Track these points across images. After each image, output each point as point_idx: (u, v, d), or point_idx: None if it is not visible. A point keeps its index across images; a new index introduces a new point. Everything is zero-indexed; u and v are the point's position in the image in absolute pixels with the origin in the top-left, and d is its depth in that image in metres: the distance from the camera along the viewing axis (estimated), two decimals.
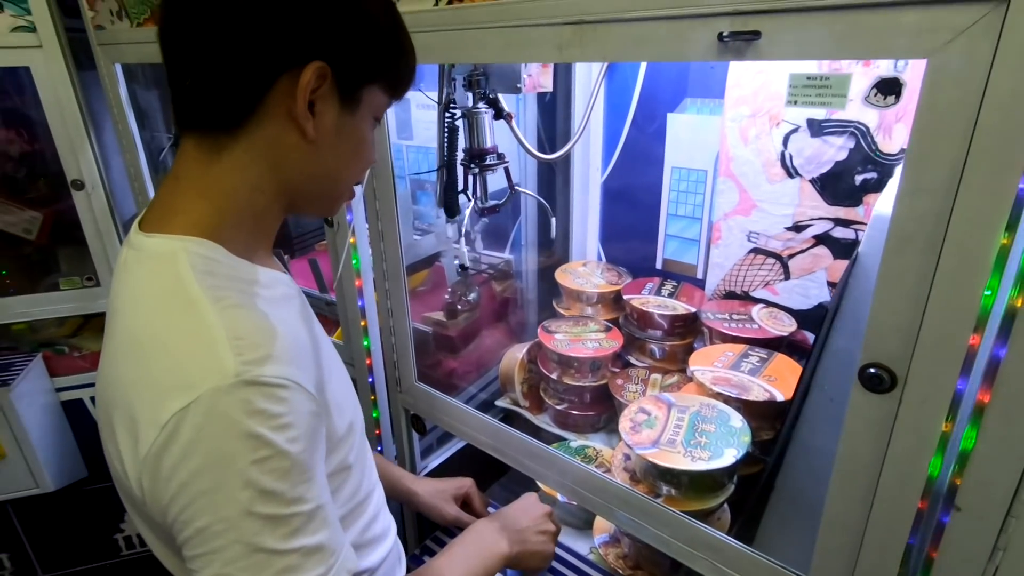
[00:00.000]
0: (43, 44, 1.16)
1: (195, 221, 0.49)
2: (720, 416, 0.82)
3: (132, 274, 0.49)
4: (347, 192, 0.59)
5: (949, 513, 0.49)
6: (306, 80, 0.46)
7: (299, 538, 0.43)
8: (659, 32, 0.54)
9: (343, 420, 0.56)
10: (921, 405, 0.48)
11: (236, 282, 0.49)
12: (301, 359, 0.47)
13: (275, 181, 0.51)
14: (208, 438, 0.41)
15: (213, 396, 0.41)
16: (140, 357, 0.45)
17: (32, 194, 1.42)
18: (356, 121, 0.53)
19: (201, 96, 0.48)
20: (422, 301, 1.25)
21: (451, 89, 0.94)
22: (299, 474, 0.43)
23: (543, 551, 0.76)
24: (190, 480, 0.41)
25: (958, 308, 0.44)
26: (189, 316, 0.44)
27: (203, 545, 0.42)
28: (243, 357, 0.42)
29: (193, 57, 0.47)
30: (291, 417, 0.43)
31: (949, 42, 0.42)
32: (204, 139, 0.49)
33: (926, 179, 0.45)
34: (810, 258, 1.02)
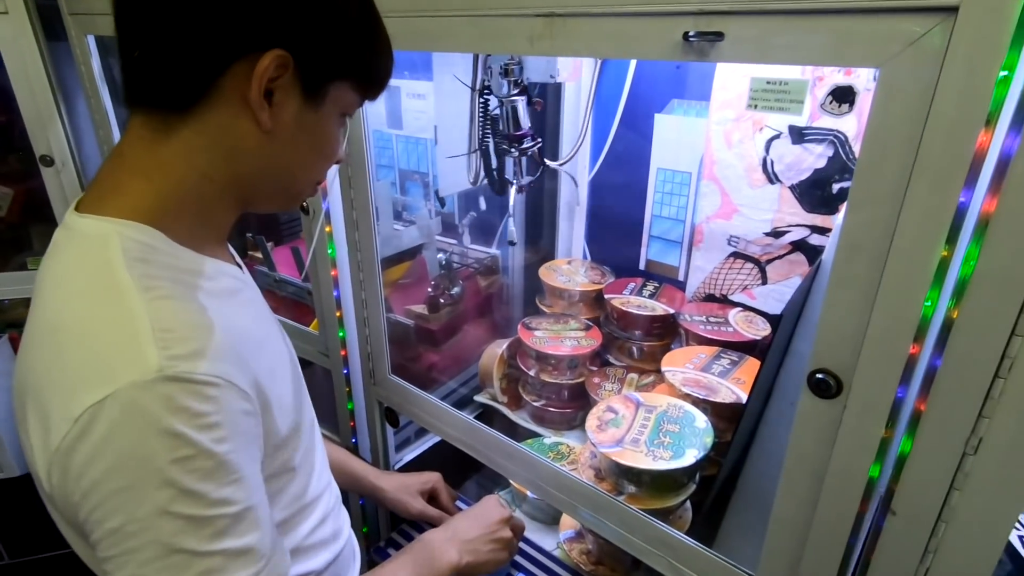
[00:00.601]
0: (8, 11, 1.11)
1: (135, 204, 0.46)
2: (686, 417, 0.83)
3: (59, 256, 0.47)
4: (306, 189, 0.57)
5: (886, 517, 0.49)
6: (263, 67, 0.44)
7: (224, 540, 0.41)
8: (627, 28, 0.55)
9: (286, 421, 0.54)
10: (864, 411, 0.48)
11: (174, 272, 0.46)
12: (236, 356, 0.45)
13: (226, 171, 0.49)
14: (123, 435, 0.39)
15: (131, 391, 0.39)
16: (56, 344, 0.43)
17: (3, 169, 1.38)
18: (319, 117, 0.50)
19: (151, 71, 0.45)
20: (405, 293, 1.26)
21: (487, 76, 1.00)
22: (225, 475, 0.41)
23: (496, 559, 0.75)
24: (102, 478, 0.39)
25: (900, 317, 0.45)
26: (113, 304, 0.42)
27: (117, 546, 0.40)
28: (168, 352, 0.40)
29: (146, 27, 0.44)
30: (219, 416, 0.41)
31: (900, 52, 0.42)
32: (152, 117, 0.47)
33: (875, 189, 0.45)
34: (787, 264, 1.03)
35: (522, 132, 1.05)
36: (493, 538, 0.76)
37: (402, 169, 1.41)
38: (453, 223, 1.36)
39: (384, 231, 1.17)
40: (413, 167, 1.39)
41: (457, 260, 1.35)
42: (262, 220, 1.47)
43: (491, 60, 1.00)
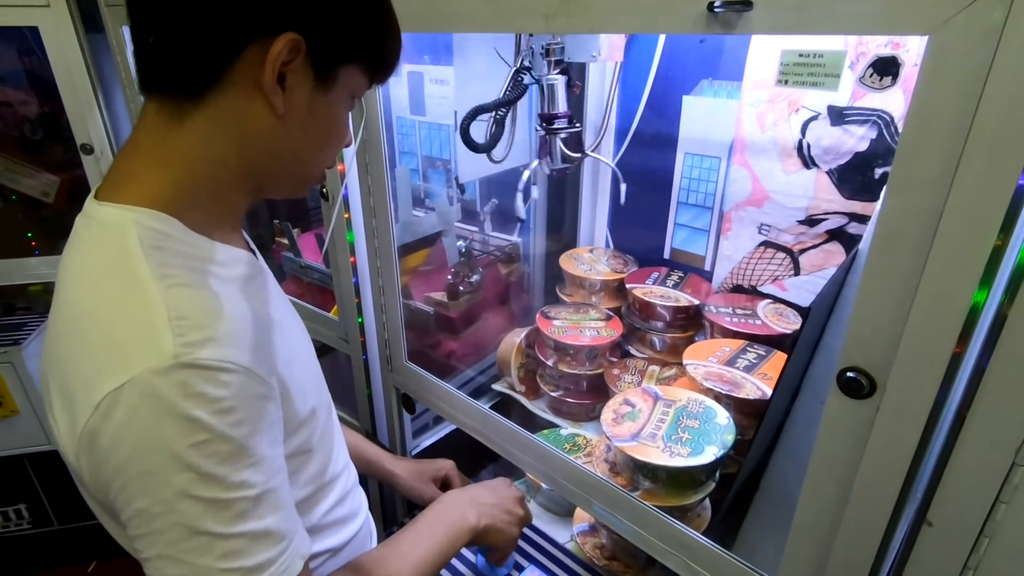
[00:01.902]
0: (51, 3, 1.15)
1: (151, 191, 0.47)
2: (706, 412, 0.79)
3: (80, 244, 0.48)
4: (316, 174, 0.57)
5: (920, 527, 0.45)
6: (277, 51, 0.44)
7: (244, 522, 0.42)
8: (647, 2, 0.51)
9: (305, 404, 0.54)
10: (899, 414, 0.45)
11: (187, 259, 0.47)
12: (251, 342, 0.46)
13: (239, 156, 0.49)
14: (142, 420, 0.40)
15: (149, 377, 0.40)
16: (78, 332, 0.44)
17: (50, 157, 1.45)
18: (330, 100, 0.50)
19: (165, 56, 0.45)
20: (425, 280, 1.25)
21: (528, 56, 0.99)
22: (242, 459, 0.42)
23: (508, 532, 0.75)
24: (125, 462, 0.40)
25: (944, 313, 0.41)
26: (131, 293, 0.43)
27: (144, 526, 0.41)
28: (184, 338, 0.41)
29: (159, 13, 0.45)
30: (233, 401, 0.42)
31: (952, 18, 0.38)
32: (166, 103, 0.47)
33: (919, 171, 0.41)
34: (822, 254, 0.97)
35: (556, 113, 1.02)
36: (507, 509, 0.76)
37: (424, 155, 1.39)
38: (474, 210, 1.34)
39: (404, 218, 1.16)
40: (435, 153, 1.37)
41: (477, 247, 1.33)
42: (289, 207, 1.48)
43: (533, 40, 0.98)
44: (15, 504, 1.62)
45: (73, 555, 1.74)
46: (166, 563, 0.41)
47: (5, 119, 1.48)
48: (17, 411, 1.41)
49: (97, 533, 0.56)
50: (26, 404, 1.41)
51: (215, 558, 0.41)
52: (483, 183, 1.34)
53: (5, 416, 1.41)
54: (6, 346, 1.36)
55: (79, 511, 1.67)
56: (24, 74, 1.46)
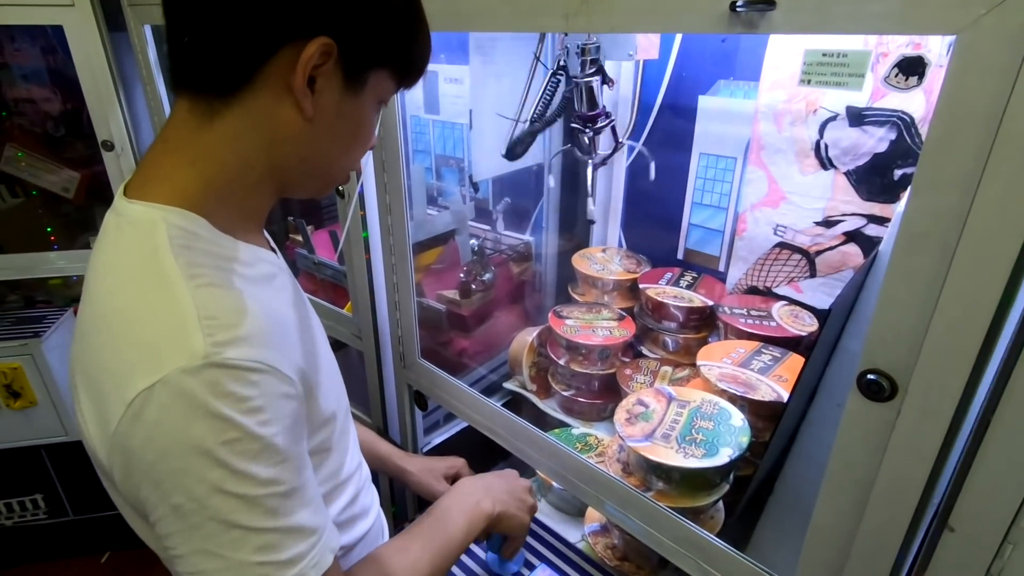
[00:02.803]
0: (75, 3, 1.17)
1: (179, 190, 0.47)
2: (721, 414, 0.79)
3: (110, 241, 0.48)
4: (341, 175, 0.57)
5: (942, 533, 0.45)
6: (309, 54, 0.44)
7: (276, 518, 0.43)
8: (669, 1, 0.51)
9: (328, 404, 0.55)
10: (921, 417, 0.44)
11: (214, 259, 0.47)
12: (278, 341, 0.46)
13: (267, 157, 0.49)
14: (173, 418, 0.40)
15: (180, 376, 0.40)
16: (108, 330, 0.45)
17: (71, 154, 1.48)
18: (358, 104, 0.50)
19: (199, 55, 0.46)
20: (438, 278, 1.25)
21: (563, 56, 1.00)
22: (271, 456, 0.43)
23: (521, 518, 0.75)
24: (158, 460, 0.41)
25: (969, 315, 0.40)
26: (161, 292, 0.43)
27: (178, 523, 0.42)
28: (213, 338, 0.41)
29: (195, 12, 0.45)
30: (262, 400, 0.42)
31: (981, 17, 0.37)
32: (197, 102, 0.47)
33: (945, 171, 0.40)
34: (839, 256, 0.96)
35: (596, 112, 1.05)
36: (519, 497, 0.77)
37: (438, 154, 1.39)
38: (487, 209, 1.34)
39: (417, 216, 1.17)
40: (449, 152, 1.37)
41: (490, 246, 1.34)
42: (303, 204, 1.50)
43: (567, 40, 0.99)
44: (32, 494, 1.64)
45: (87, 545, 1.76)
46: (201, 557, 0.42)
47: (28, 116, 1.50)
48: (36, 402, 1.43)
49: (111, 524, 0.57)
50: (44, 396, 1.43)
51: (250, 551, 0.42)
52: (496, 182, 1.34)
53: (24, 407, 1.43)
54: (26, 338, 1.38)
55: (94, 502, 1.70)
56: (47, 72, 1.48)
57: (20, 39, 1.45)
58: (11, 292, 1.56)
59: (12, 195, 1.53)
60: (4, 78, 1.47)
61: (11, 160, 1.46)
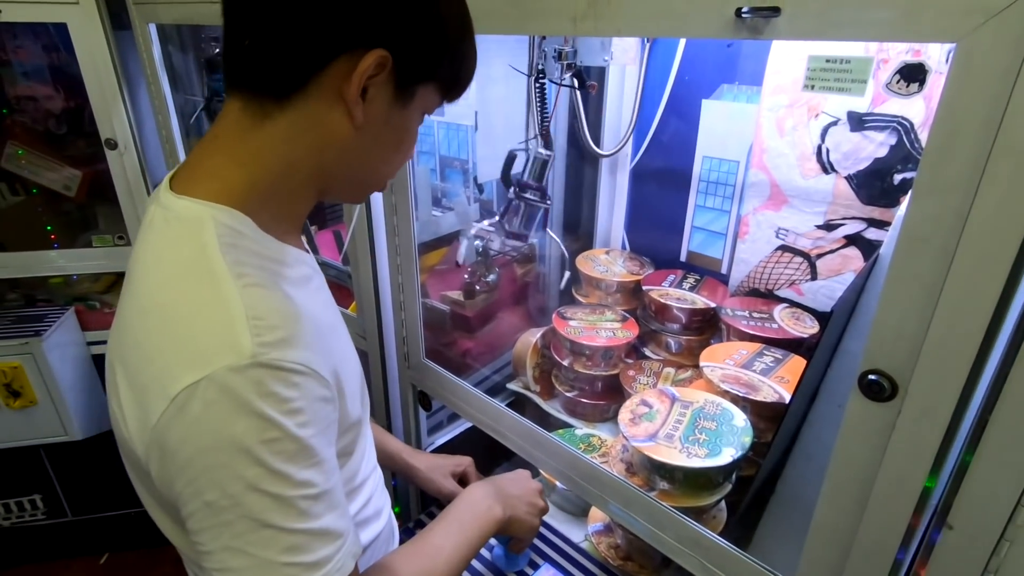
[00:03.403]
0: (80, 0, 1.17)
1: (227, 188, 0.48)
2: (723, 414, 0.80)
3: (157, 235, 0.49)
4: (379, 183, 0.58)
5: (941, 531, 0.46)
6: (366, 65, 0.46)
7: (307, 520, 0.43)
8: (675, 5, 0.52)
9: (355, 407, 0.55)
10: (921, 417, 0.45)
11: (259, 258, 0.48)
12: (318, 344, 0.47)
13: (312, 161, 0.50)
14: (218, 415, 0.41)
15: (226, 374, 0.40)
16: (154, 322, 0.45)
17: (72, 151, 1.46)
18: (406, 115, 0.52)
19: (257, 57, 0.47)
20: (442, 279, 1.26)
21: (541, 60, 1.01)
22: (307, 458, 0.43)
23: (530, 522, 0.76)
24: (197, 455, 0.41)
25: (967, 317, 0.41)
26: (209, 289, 0.44)
27: (211, 518, 0.42)
28: (260, 338, 0.42)
29: (257, 16, 0.46)
30: (302, 402, 0.43)
31: (980, 26, 0.38)
32: (251, 103, 0.48)
33: (944, 176, 0.41)
34: (839, 259, 0.97)
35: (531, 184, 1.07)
36: (530, 501, 0.77)
37: (442, 156, 1.40)
38: (491, 210, 1.35)
39: (422, 217, 1.18)
40: (454, 154, 1.38)
41: (494, 247, 1.34)
42: None
43: (545, 44, 0.99)
44: (30, 494, 1.63)
45: (86, 546, 1.75)
46: (229, 555, 0.42)
47: (30, 113, 1.50)
48: (36, 402, 1.42)
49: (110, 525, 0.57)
50: (44, 395, 1.42)
51: (278, 552, 0.42)
52: (500, 184, 1.35)
53: (24, 407, 1.42)
54: (27, 337, 1.37)
55: (93, 503, 1.69)
56: (49, 69, 1.48)
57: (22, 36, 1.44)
58: (11, 291, 1.55)
59: (12, 193, 1.52)
60: (5, 75, 1.47)
61: (11, 158, 1.46)
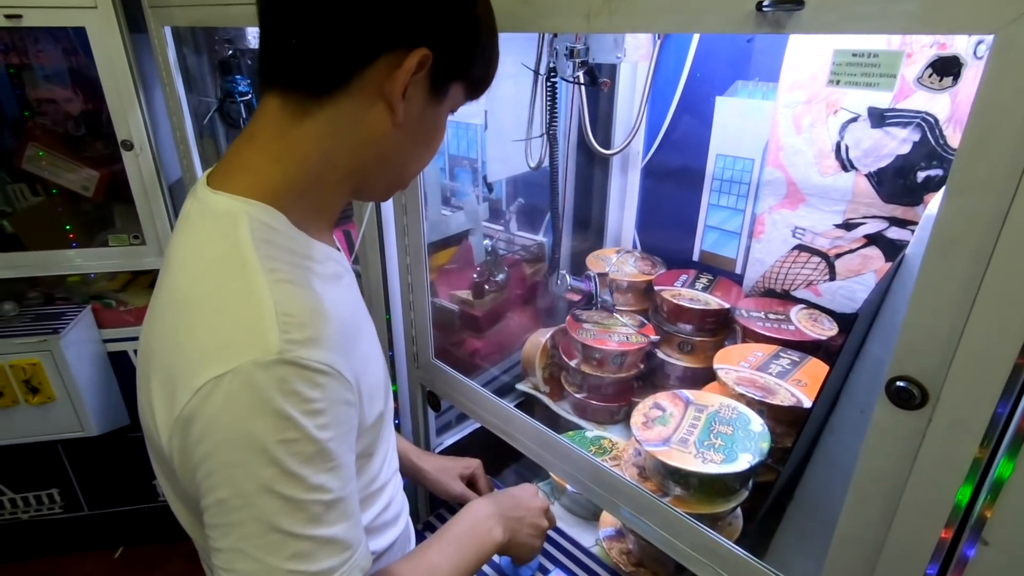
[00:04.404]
0: (98, 5, 1.19)
1: (262, 184, 0.48)
2: (739, 418, 0.78)
3: (192, 229, 0.49)
4: (408, 180, 0.58)
5: (975, 546, 0.44)
6: (411, 64, 0.46)
7: (316, 526, 0.43)
8: (694, 1, 0.50)
9: (373, 410, 0.55)
10: (953, 426, 0.43)
11: (290, 255, 0.48)
12: (344, 345, 0.46)
13: (349, 158, 0.50)
14: (238, 409, 0.40)
15: (252, 369, 0.40)
16: (186, 315, 0.45)
17: (90, 153, 1.49)
18: (438, 112, 0.52)
19: (299, 55, 0.46)
20: (451, 278, 1.25)
21: (552, 58, 1.00)
22: (324, 462, 0.43)
23: (531, 545, 0.74)
24: (215, 449, 0.41)
25: (1005, 322, 0.39)
26: (240, 283, 0.44)
27: (222, 516, 0.42)
28: (288, 336, 0.41)
29: (303, 15, 0.46)
30: (324, 404, 0.43)
31: (1020, 16, 0.36)
32: (289, 99, 0.48)
33: (980, 174, 0.39)
34: (859, 259, 0.95)
35: None
36: (532, 522, 0.75)
37: (451, 155, 1.39)
38: (500, 209, 1.33)
39: (432, 216, 1.17)
40: (463, 153, 1.37)
41: (503, 247, 1.33)
42: None
43: (556, 42, 0.98)
44: (48, 488, 1.66)
45: (101, 540, 1.78)
46: (236, 556, 0.42)
47: (50, 115, 1.52)
48: (54, 398, 1.45)
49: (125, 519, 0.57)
50: (62, 391, 1.44)
51: (284, 558, 0.41)
52: (509, 183, 1.33)
53: (42, 402, 1.45)
54: (45, 335, 1.39)
55: (109, 497, 1.71)
56: (68, 72, 1.50)
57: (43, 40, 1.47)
58: (31, 289, 1.58)
59: (33, 193, 1.55)
60: (27, 79, 1.49)
61: (32, 159, 1.48)
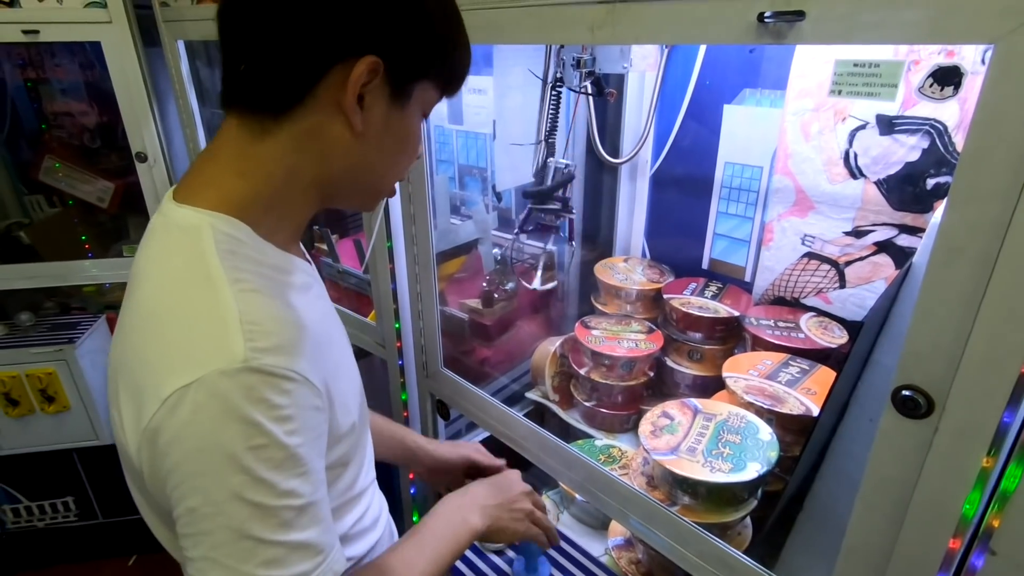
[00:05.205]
0: (113, 20, 1.23)
1: (227, 197, 0.49)
2: (748, 427, 0.77)
3: (157, 243, 0.50)
4: (388, 188, 0.58)
5: (983, 556, 0.43)
6: (358, 73, 0.46)
7: (287, 532, 0.43)
8: (695, 11, 0.51)
9: (348, 418, 0.55)
10: (960, 435, 0.43)
11: (257, 265, 0.48)
12: (312, 352, 0.46)
13: (314, 170, 0.50)
14: (206, 418, 0.40)
15: (217, 378, 0.40)
16: (152, 327, 0.45)
17: (106, 165, 1.54)
18: (404, 116, 0.52)
19: (253, 78, 0.48)
20: (460, 287, 1.26)
21: (559, 68, 1.01)
22: (294, 467, 0.43)
23: (515, 528, 0.73)
24: (184, 459, 0.41)
25: (1010, 331, 0.39)
26: (206, 294, 0.44)
27: (193, 526, 0.42)
28: (253, 343, 0.42)
29: (249, 39, 0.47)
30: (293, 410, 0.43)
31: (1021, 25, 0.36)
32: (248, 120, 0.49)
33: (983, 183, 0.39)
34: (869, 266, 0.94)
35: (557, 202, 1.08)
36: (515, 507, 0.74)
37: (461, 164, 1.41)
38: (510, 218, 1.34)
39: (441, 225, 1.18)
40: (472, 162, 1.38)
41: (513, 255, 1.34)
42: (328, 213, 1.52)
43: (564, 52, 0.99)
44: (63, 496, 1.69)
45: (115, 548, 1.80)
46: (208, 565, 0.42)
47: (66, 128, 1.56)
48: (69, 407, 1.47)
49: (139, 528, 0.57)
50: (77, 400, 1.47)
51: (255, 565, 0.42)
52: (519, 192, 1.34)
53: (57, 411, 1.47)
54: (61, 344, 1.42)
55: (123, 505, 1.73)
56: (84, 86, 1.54)
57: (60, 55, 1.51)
58: (47, 299, 1.61)
59: (50, 205, 1.58)
60: (44, 92, 1.53)
61: (49, 171, 1.52)
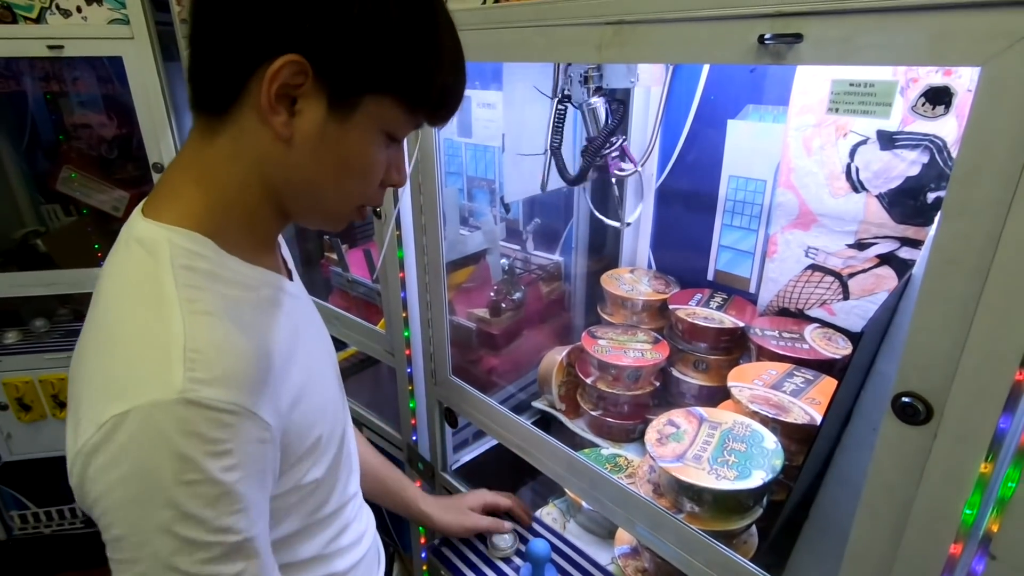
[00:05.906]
0: (135, 36, 1.27)
1: (187, 209, 0.48)
2: (753, 436, 0.78)
3: (118, 257, 0.48)
4: (344, 210, 0.54)
5: (984, 561, 0.44)
6: (273, 71, 0.43)
7: (218, 566, 0.42)
8: (699, 34, 0.53)
9: (312, 431, 0.53)
10: (958, 441, 0.44)
11: (214, 282, 0.47)
12: (261, 381, 0.45)
13: (259, 179, 0.49)
14: (138, 449, 0.39)
15: (151, 409, 0.39)
16: (102, 347, 0.45)
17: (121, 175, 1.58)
18: (347, 131, 0.48)
19: (193, 75, 0.48)
20: (468, 297, 1.28)
21: (567, 84, 1.04)
22: (229, 504, 0.42)
23: None
24: (113, 487, 0.40)
25: (1003, 339, 0.41)
26: (155, 315, 0.43)
27: (119, 552, 0.41)
28: (193, 374, 0.40)
29: (195, 35, 0.47)
30: (232, 444, 0.41)
31: (1006, 49, 0.38)
32: (200, 122, 0.49)
33: (974, 197, 0.41)
34: (872, 278, 0.96)
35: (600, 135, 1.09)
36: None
37: (469, 176, 1.44)
38: (517, 229, 1.37)
39: (450, 236, 1.20)
40: (480, 174, 1.41)
41: (520, 266, 1.36)
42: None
43: (571, 69, 1.02)
44: (70, 503, 1.70)
45: None
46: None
47: (84, 139, 1.60)
48: None
49: None
50: None
51: None
52: (526, 203, 1.37)
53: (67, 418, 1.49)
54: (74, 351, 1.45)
55: None
56: (102, 99, 1.58)
57: (79, 68, 1.55)
58: (62, 306, 1.64)
59: (66, 213, 1.62)
60: (63, 105, 1.58)
61: (65, 181, 1.56)
